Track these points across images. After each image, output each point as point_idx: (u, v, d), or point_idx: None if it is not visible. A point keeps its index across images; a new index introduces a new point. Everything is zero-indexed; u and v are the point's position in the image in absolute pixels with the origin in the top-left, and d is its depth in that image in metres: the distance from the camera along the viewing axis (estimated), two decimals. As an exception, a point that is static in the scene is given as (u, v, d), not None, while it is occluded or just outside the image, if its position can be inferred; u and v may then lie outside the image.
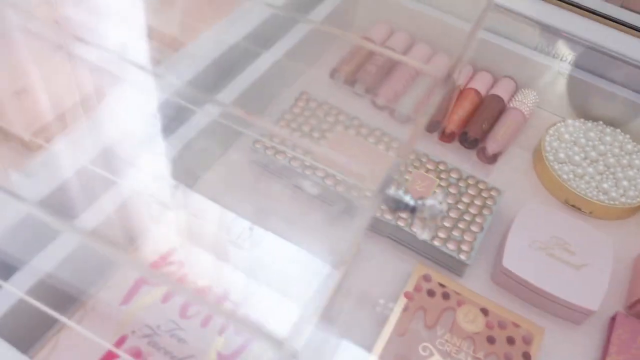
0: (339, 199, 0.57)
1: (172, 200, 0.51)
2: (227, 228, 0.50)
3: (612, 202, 0.61)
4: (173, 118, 0.55)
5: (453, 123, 0.66)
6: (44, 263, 0.41)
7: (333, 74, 0.69)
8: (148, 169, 0.52)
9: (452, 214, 0.58)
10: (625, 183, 0.62)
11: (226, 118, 0.57)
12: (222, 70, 0.58)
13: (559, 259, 0.55)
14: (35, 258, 0.42)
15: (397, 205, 0.39)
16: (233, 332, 0.45)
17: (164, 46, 0.68)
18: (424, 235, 0.39)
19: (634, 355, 0.51)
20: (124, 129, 0.53)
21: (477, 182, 0.60)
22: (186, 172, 0.55)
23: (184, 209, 0.51)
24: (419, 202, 0.37)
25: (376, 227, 0.57)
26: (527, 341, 0.50)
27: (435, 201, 0.37)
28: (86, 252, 0.41)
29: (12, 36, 0.65)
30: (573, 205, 0.62)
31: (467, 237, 0.56)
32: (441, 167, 0.61)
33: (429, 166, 0.61)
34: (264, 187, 0.57)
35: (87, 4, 0.71)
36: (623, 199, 0.61)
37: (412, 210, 0.37)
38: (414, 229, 0.55)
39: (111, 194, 0.48)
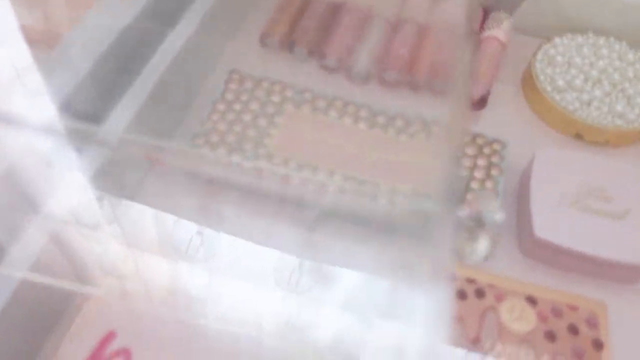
0: (312, 204, 0.44)
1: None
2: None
3: (630, 125, 0.51)
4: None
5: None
6: None
7: (264, 39, 0.54)
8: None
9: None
10: (639, 99, 0.51)
11: (142, 124, 0.41)
12: (118, 65, 0.43)
13: (597, 211, 0.44)
14: None
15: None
16: None
17: (35, 44, 0.51)
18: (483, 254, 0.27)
19: None
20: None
21: (474, 137, 0.49)
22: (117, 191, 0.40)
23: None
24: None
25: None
26: (592, 324, 0.40)
27: (489, 212, 0.26)
28: None
29: None
30: (583, 138, 0.52)
31: (481, 210, 0.44)
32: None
33: (412, 130, 0.48)
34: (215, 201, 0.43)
35: None
36: (641, 119, 0.51)
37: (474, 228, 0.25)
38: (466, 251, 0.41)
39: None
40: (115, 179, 0.40)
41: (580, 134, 0.51)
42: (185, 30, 0.46)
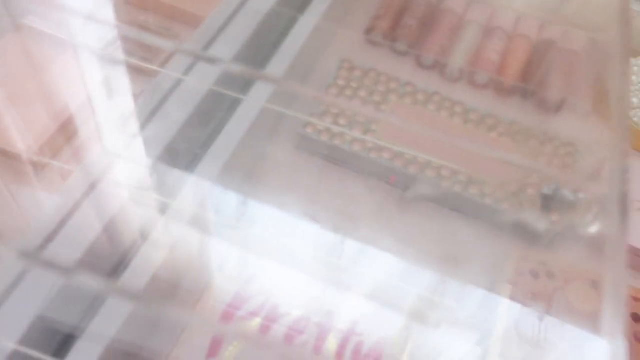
0: (412, 181, 0.50)
1: (238, 218, 0.42)
2: (313, 241, 0.42)
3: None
4: (212, 109, 0.45)
5: (511, 76, 0.59)
6: (103, 329, 0.32)
7: (368, 33, 0.60)
8: (201, 180, 0.43)
9: (533, 180, 0.51)
10: (703, 122, 0.57)
11: (273, 101, 0.47)
12: (259, 47, 0.49)
13: (660, 217, 0.50)
14: (91, 324, 0.33)
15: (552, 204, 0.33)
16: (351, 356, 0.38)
17: (174, 23, 0.57)
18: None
19: None
20: (154, 132, 0.43)
21: (550, 138, 0.54)
22: (241, 178, 0.46)
23: (255, 225, 0.43)
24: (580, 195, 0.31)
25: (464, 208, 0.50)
26: (651, 315, 0.46)
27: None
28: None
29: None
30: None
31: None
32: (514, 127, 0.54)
33: (501, 129, 0.54)
34: (332, 183, 0.49)
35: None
36: None
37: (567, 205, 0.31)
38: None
39: (165, 221, 0.39)
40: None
41: (644, 147, 0.57)
42: (312, 18, 0.52)
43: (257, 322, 0.38)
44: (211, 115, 0.44)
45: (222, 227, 0.41)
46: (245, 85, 0.47)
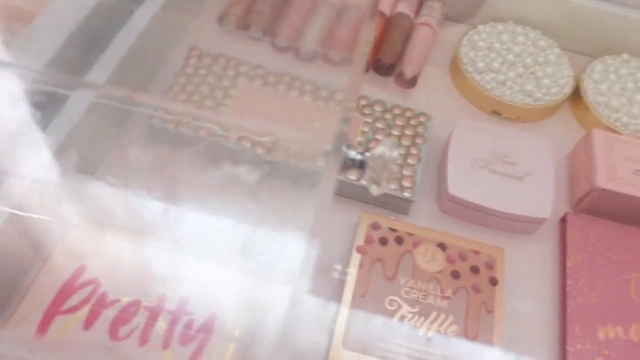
0: (262, 163, 0.51)
1: (70, 210, 0.42)
2: (151, 223, 0.42)
3: (538, 103, 0.59)
4: (43, 108, 0.45)
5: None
6: None
7: (221, 19, 0.60)
8: (27, 174, 0.42)
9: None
10: (546, 81, 0.60)
11: (107, 98, 0.48)
12: (90, 39, 0.48)
13: (502, 173, 0.52)
14: None
15: (344, 164, 0.34)
16: (178, 342, 0.39)
17: (11, 21, 0.56)
18: (379, 189, 0.34)
19: (591, 252, 0.50)
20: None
21: (404, 110, 0.56)
22: (77, 168, 0.46)
23: (87, 211, 0.43)
24: (367, 154, 0.32)
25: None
26: (490, 266, 0.48)
27: (384, 148, 0.32)
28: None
29: None
30: (498, 114, 0.60)
31: (406, 172, 0.52)
32: (362, 102, 0.56)
33: (352, 104, 0.55)
34: (178, 167, 0.50)
35: None
36: (547, 98, 0.59)
37: (361, 164, 0.32)
38: (366, 184, 0.49)
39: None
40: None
41: (496, 111, 0.59)
42: (151, 8, 0.52)
43: (84, 312, 0.38)
44: (37, 113, 0.44)
45: (47, 220, 0.41)
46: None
